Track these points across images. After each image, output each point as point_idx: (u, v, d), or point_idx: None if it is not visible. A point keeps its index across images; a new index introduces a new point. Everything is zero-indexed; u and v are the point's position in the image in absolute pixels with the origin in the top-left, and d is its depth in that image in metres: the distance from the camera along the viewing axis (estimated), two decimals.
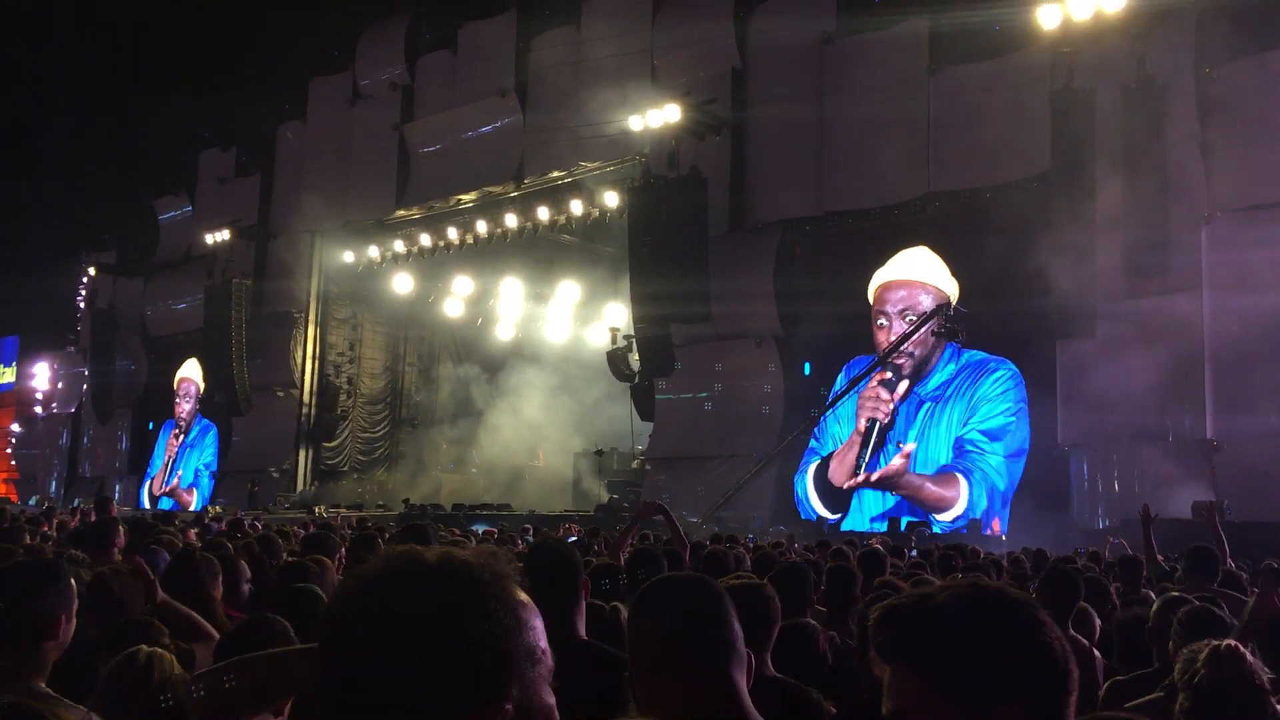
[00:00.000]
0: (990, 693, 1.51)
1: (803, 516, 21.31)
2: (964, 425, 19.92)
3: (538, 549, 3.81)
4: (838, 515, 20.89)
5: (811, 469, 21.54)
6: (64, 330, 42.53)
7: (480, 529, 17.42)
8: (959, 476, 19.52)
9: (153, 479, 34.75)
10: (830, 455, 21.28)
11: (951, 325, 19.58)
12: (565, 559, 3.63)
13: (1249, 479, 16.19)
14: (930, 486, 19.79)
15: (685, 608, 2.32)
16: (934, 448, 20.19)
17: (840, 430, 21.34)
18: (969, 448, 19.69)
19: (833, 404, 20.98)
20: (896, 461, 20.00)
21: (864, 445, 20.48)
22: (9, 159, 39.62)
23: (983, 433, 19.64)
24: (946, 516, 19.37)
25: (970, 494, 19.31)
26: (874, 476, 20.15)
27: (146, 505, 33.36)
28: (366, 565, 1.34)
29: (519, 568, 1.37)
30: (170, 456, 34.42)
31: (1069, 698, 1.54)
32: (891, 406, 20.44)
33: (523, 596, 1.35)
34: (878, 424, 20.43)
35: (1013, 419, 19.50)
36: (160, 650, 3.11)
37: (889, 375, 20.38)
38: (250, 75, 32.75)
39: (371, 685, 1.24)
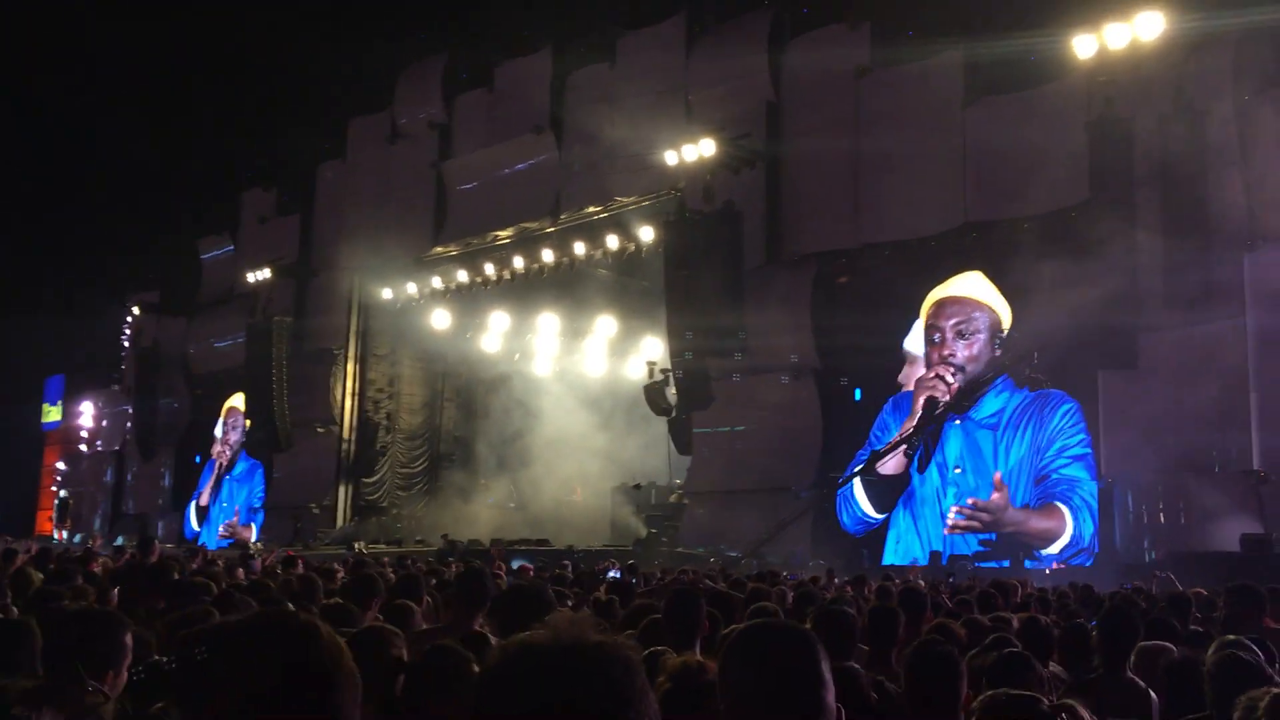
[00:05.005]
0: None
1: (843, 522, 20.99)
2: (1044, 457, 19.23)
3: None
4: (883, 516, 20.54)
5: (860, 468, 20.94)
6: (108, 369, 43.14)
7: (517, 564, 17.41)
8: (1060, 505, 18.73)
9: (199, 495, 34.99)
10: (882, 448, 20.60)
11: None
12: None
13: None
14: (1035, 520, 18.95)
15: (776, 661, 2.29)
16: (990, 475, 19.67)
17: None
18: (1059, 475, 18.93)
19: (879, 458, 20.44)
20: (995, 498, 19.06)
21: (918, 429, 19.92)
22: (54, 200, 40.42)
23: (1073, 458, 18.89)
24: (1054, 549, 18.58)
25: (1075, 523, 18.57)
26: (969, 517, 19.21)
27: (195, 526, 33.68)
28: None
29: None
30: (216, 477, 34.56)
31: None
32: (953, 384, 19.90)
33: None
34: (938, 403, 19.83)
35: (1089, 450, 18.81)
36: None
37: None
38: (291, 115, 33.29)
39: None
